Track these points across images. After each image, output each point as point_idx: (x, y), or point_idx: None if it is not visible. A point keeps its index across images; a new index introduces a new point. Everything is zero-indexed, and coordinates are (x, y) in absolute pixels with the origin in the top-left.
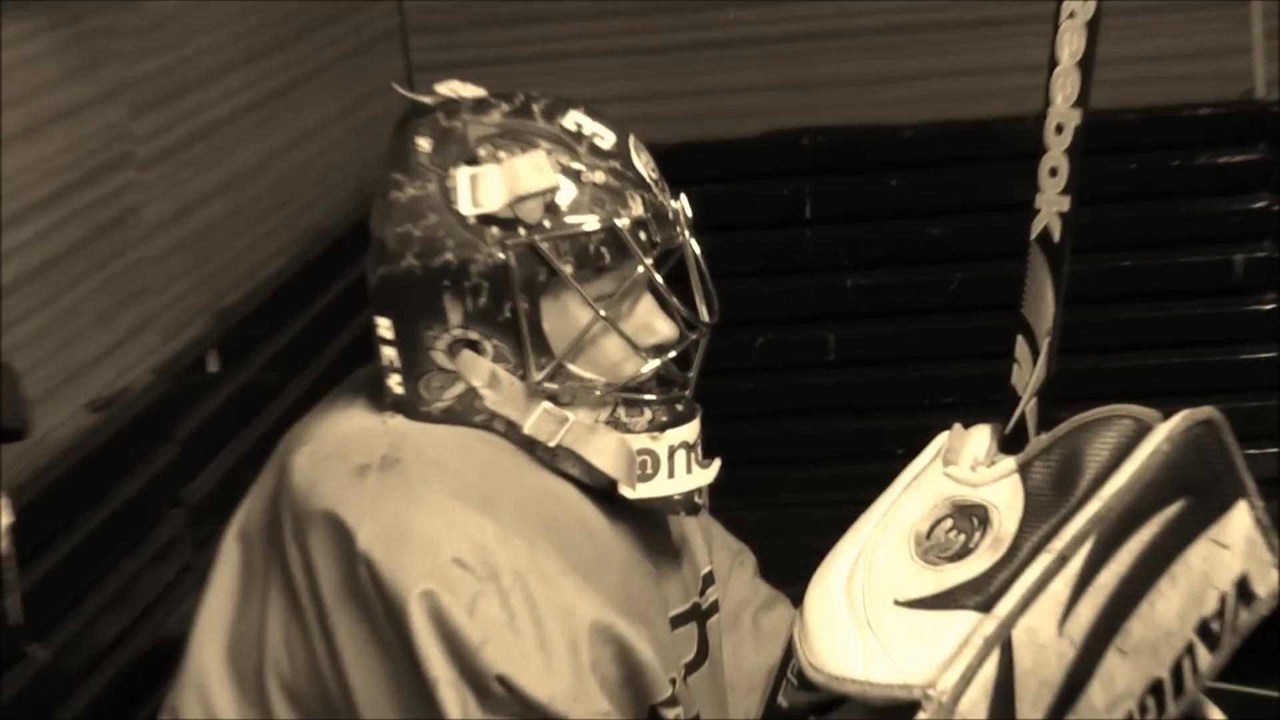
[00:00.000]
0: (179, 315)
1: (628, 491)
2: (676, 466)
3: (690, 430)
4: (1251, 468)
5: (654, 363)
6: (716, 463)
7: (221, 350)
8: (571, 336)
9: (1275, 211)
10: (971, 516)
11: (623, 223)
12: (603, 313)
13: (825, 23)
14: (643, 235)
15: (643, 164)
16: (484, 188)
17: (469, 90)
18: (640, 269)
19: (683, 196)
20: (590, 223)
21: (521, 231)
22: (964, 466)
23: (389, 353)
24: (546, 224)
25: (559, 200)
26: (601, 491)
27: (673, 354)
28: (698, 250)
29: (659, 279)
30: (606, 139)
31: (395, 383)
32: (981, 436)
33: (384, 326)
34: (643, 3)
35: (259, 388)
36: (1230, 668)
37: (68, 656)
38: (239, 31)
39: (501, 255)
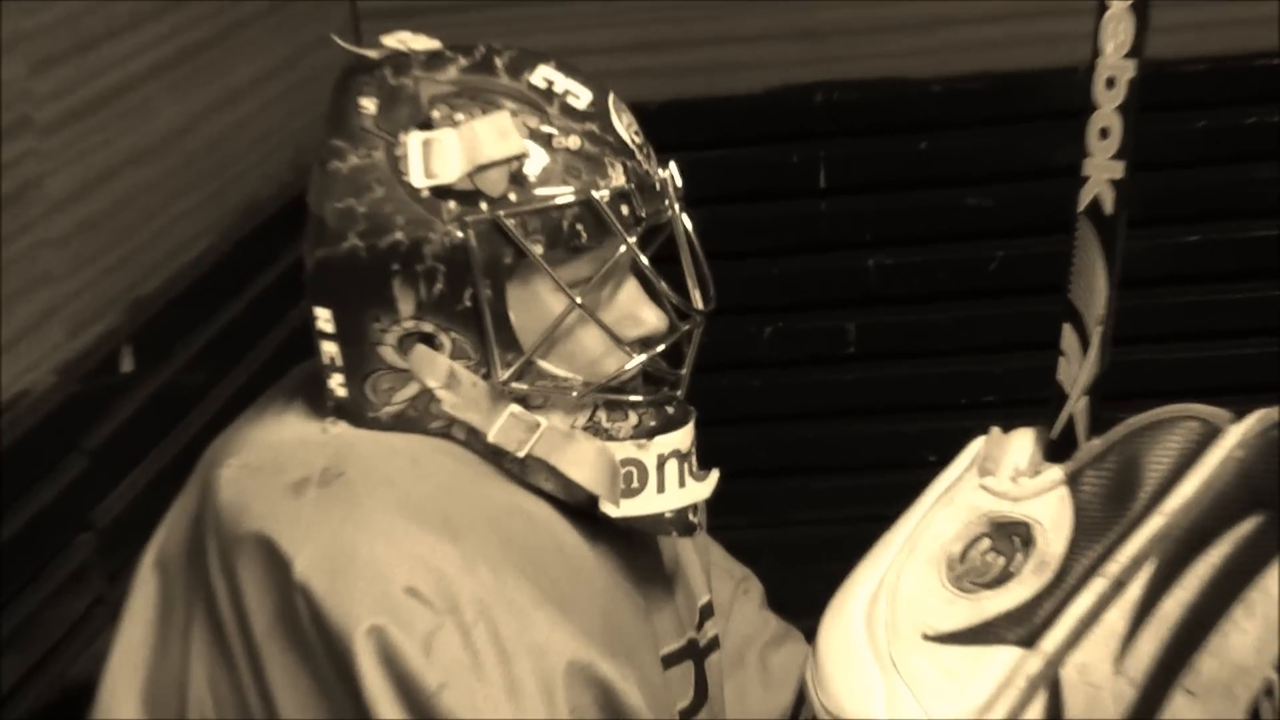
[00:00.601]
0: (87, 306)
1: (610, 509)
2: (667, 479)
3: (683, 436)
4: None
5: (640, 358)
6: (715, 474)
7: (137, 347)
8: (543, 328)
9: None
10: (1012, 535)
11: (601, 195)
12: (579, 300)
13: None
14: (625, 209)
15: (625, 126)
16: (439, 155)
17: (421, 42)
18: (622, 249)
19: (672, 164)
20: (564, 195)
21: (483, 206)
22: (1003, 477)
23: (330, 349)
24: (512, 197)
25: (527, 169)
26: (580, 509)
27: (662, 347)
28: (690, 226)
29: (645, 260)
30: (582, 98)
31: (337, 384)
32: (1023, 442)
33: (324, 318)
34: None
35: (181, 390)
36: None
37: None
38: None
39: (460, 234)
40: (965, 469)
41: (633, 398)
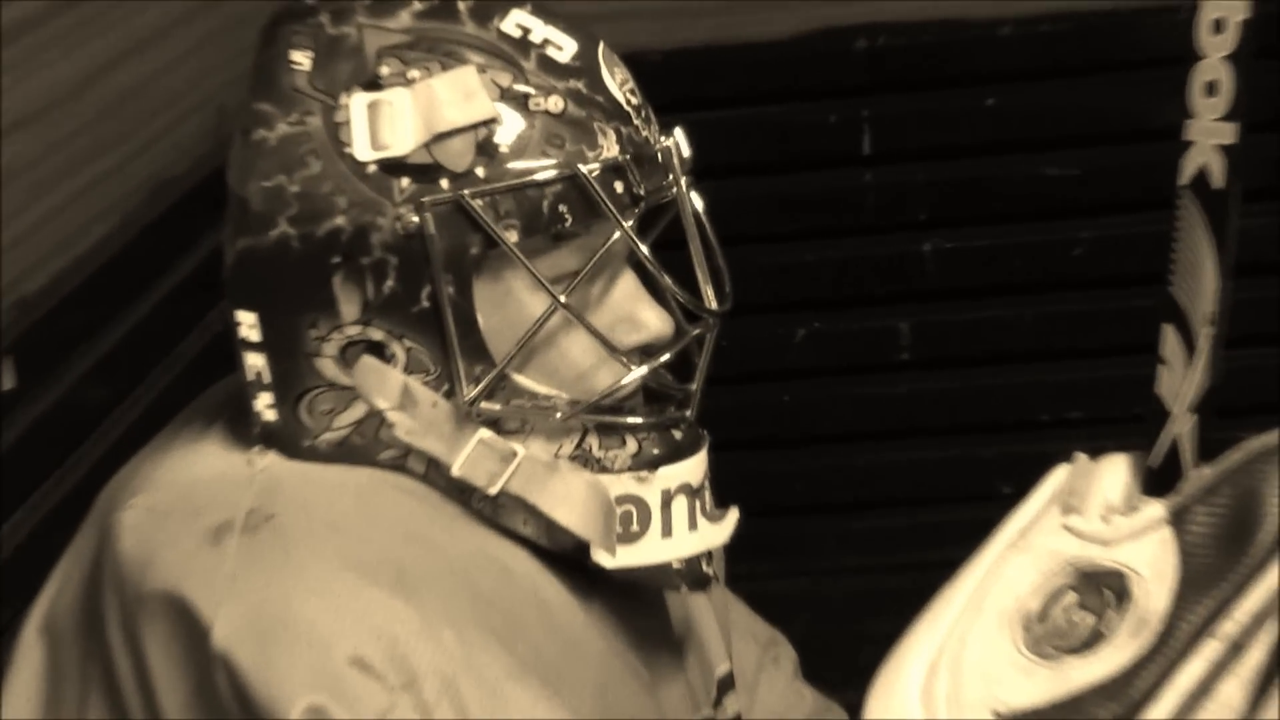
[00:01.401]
0: None
1: (604, 558)
2: (675, 520)
3: (694, 467)
4: None
5: (640, 370)
6: (734, 513)
7: (19, 359)
8: (519, 334)
9: None
10: (1103, 588)
11: (590, 168)
12: (563, 299)
13: None
14: (619, 186)
15: (618, 84)
16: (389, 121)
17: None
18: (616, 235)
19: (677, 130)
20: (543, 169)
21: (444, 184)
22: (1092, 515)
23: (256, 362)
24: (480, 172)
25: (497, 138)
26: (567, 559)
27: (667, 357)
28: (701, 206)
29: (644, 250)
30: (565, 49)
31: (265, 405)
32: (1116, 471)
33: (248, 324)
34: None
35: (73, 412)
36: None
37: None
38: None
39: (415, 218)
40: (1044, 505)
41: (631, 419)
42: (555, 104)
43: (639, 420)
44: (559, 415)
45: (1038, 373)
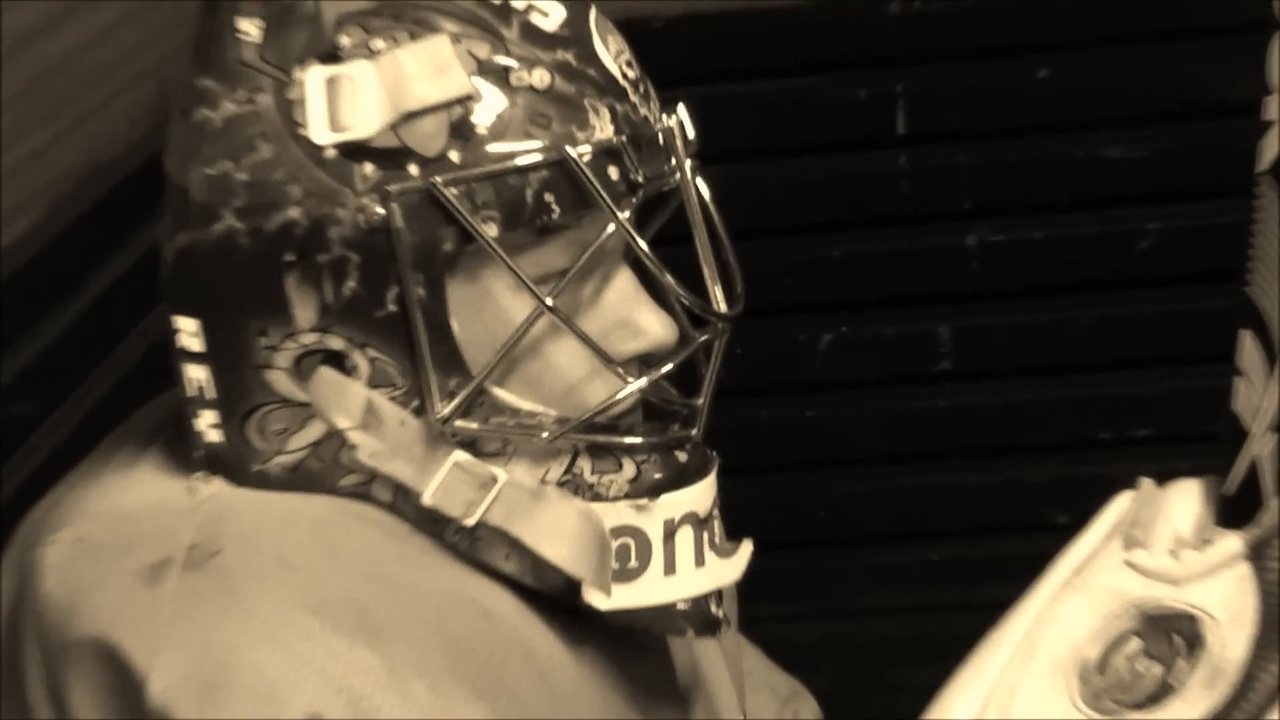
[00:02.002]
0: None
1: (598, 599)
2: (679, 555)
3: (701, 494)
4: None
5: (638, 383)
6: (748, 547)
7: None
8: (499, 342)
9: None
10: (1173, 633)
11: (581, 152)
12: (550, 301)
13: None
14: (614, 172)
15: (612, 55)
16: (350, 99)
17: None
18: (611, 228)
19: (681, 107)
20: (527, 153)
21: (413, 170)
22: (1159, 550)
23: (197, 375)
24: (454, 157)
25: (475, 118)
26: (556, 599)
27: (670, 367)
28: (708, 194)
29: (643, 245)
30: (552, 16)
31: (208, 424)
32: (1187, 499)
33: (189, 332)
34: None
35: None
36: None
37: None
38: None
39: (380, 210)
40: (1104, 538)
41: (629, 439)
42: (540, 78)
43: (638, 440)
44: (545, 435)
45: (1098, 384)
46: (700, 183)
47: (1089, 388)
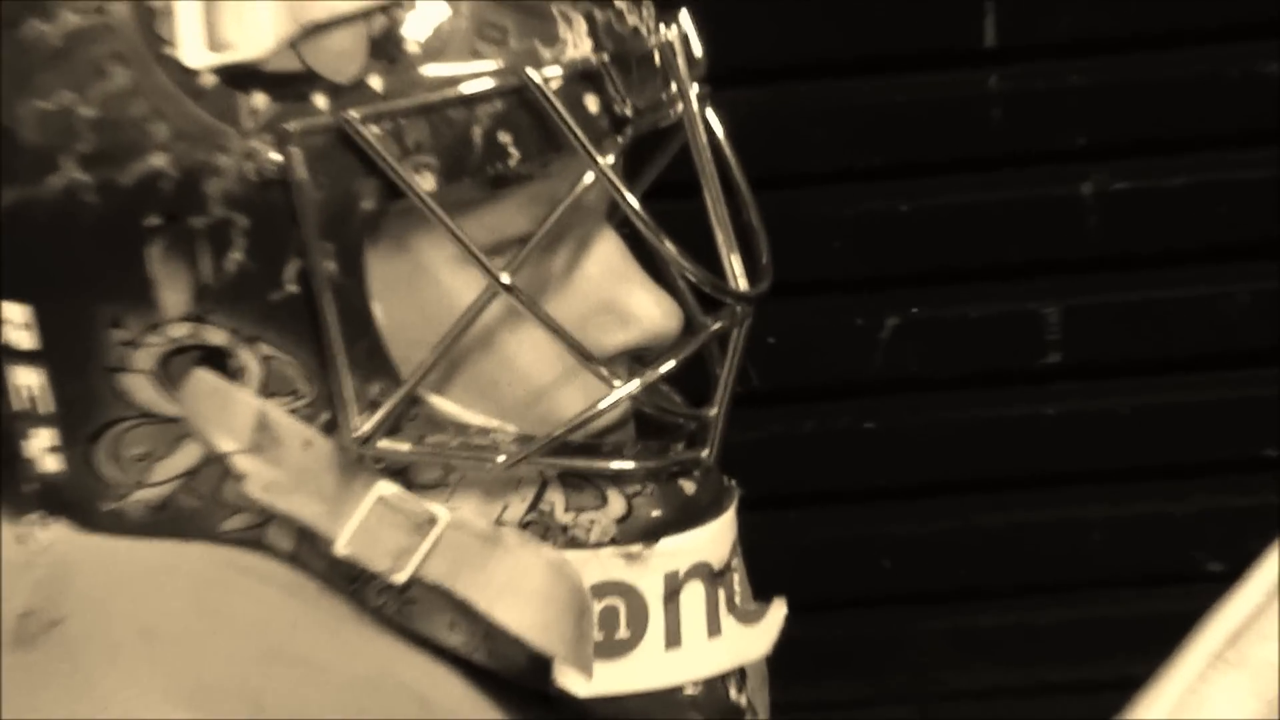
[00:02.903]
0: None
1: (575, 682)
2: (685, 621)
3: (715, 538)
4: None
5: (627, 387)
6: (780, 609)
7: None
8: (438, 334)
9: None
10: None
11: (548, 75)
12: (506, 278)
13: None
14: (592, 103)
15: None
16: (234, 9)
17: None
18: (588, 178)
19: (684, 15)
20: (475, 77)
21: (320, 103)
22: None
23: (28, 381)
24: (376, 84)
25: (404, 30)
26: (518, 683)
27: (670, 366)
28: (722, 133)
29: (634, 202)
30: None
31: (43, 448)
32: None
33: (17, 323)
34: None
35: None
36: None
37: None
38: None
39: (276, 155)
40: (1266, 597)
41: (615, 464)
42: None
43: (628, 465)
44: (502, 459)
45: (1258, 383)
46: (711, 115)
47: (1251, 388)
